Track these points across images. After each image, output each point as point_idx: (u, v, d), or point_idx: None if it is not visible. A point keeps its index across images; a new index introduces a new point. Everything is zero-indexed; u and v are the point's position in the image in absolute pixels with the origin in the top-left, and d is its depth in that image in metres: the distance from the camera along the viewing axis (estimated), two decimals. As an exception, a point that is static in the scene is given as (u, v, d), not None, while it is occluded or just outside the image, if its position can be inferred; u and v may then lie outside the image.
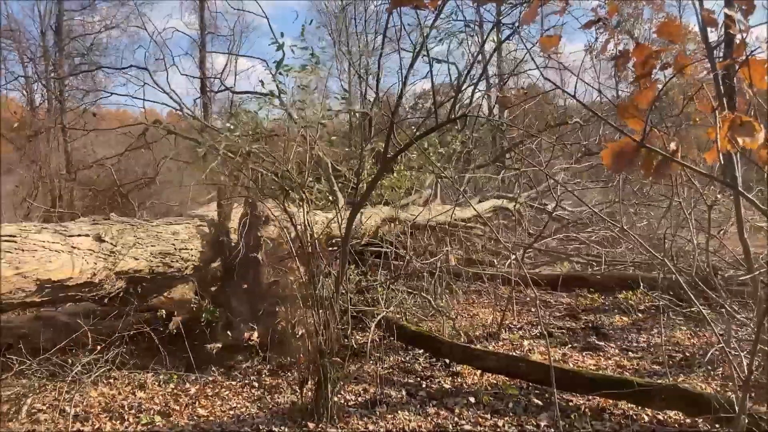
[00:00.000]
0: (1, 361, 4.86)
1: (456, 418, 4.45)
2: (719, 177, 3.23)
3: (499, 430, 4.27)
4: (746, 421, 3.29)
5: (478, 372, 5.33)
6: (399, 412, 4.55)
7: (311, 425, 4.31)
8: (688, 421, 4.20)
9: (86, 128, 10.43)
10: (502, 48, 17.48)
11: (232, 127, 6.53)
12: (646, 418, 4.30)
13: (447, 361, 5.62)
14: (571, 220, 11.82)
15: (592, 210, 7.21)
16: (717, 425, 3.95)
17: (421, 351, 5.89)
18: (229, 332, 5.74)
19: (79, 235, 4.70)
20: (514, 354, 5.64)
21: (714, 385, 4.90)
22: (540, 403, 4.68)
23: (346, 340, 5.09)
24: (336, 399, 4.56)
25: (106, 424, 4.52)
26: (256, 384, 5.28)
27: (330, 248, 6.36)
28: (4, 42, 21.16)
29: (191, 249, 6.05)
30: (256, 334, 5.71)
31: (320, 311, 4.55)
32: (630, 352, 5.93)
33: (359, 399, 4.88)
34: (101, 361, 4.98)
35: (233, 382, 5.33)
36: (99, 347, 5.05)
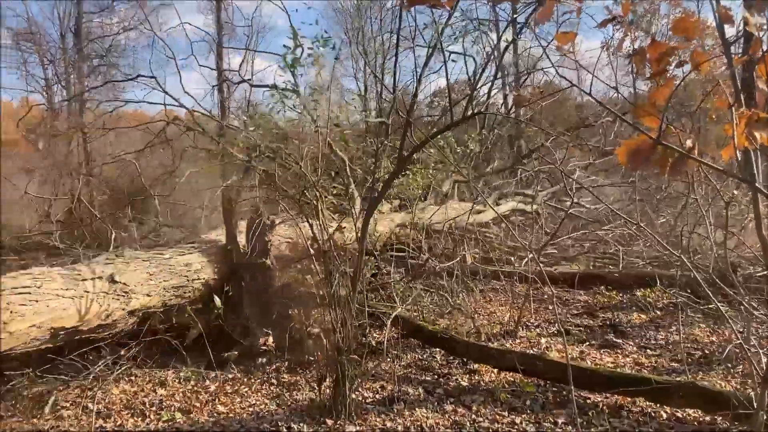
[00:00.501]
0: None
1: (473, 416, 4.47)
2: (737, 173, 3.22)
3: (516, 427, 4.28)
4: (765, 417, 3.27)
5: (495, 370, 5.34)
6: (417, 409, 4.57)
7: (329, 422, 4.34)
8: (707, 418, 4.19)
9: (106, 126, 10.52)
10: (517, 46, 17.44)
11: (248, 121, 6.55)
12: (665, 416, 4.29)
13: (464, 358, 5.63)
14: (588, 218, 11.77)
15: (609, 208, 7.18)
16: (736, 422, 3.93)
17: (438, 349, 5.91)
18: (243, 340, 5.80)
19: (92, 279, 4.79)
20: (531, 352, 5.63)
21: (733, 383, 4.87)
22: (557, 400, 4.69)
23: (363, 338, 5.12)
24: (354, 396, 4.59)
25: (127, 421, 4.59)
26: (274, 381, 5.33)
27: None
28: (25, 45, 21.48)
29: (204, 278, 6.12)
30: (271, 339, 5.78)
31: (337, 309, 4.58)
32: (648, 350, 5.90)
33: (377, 396, 4.91)
34: (123, 359, 5.07)
35: (252, 380, 5.39)
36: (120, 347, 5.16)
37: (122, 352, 5.31)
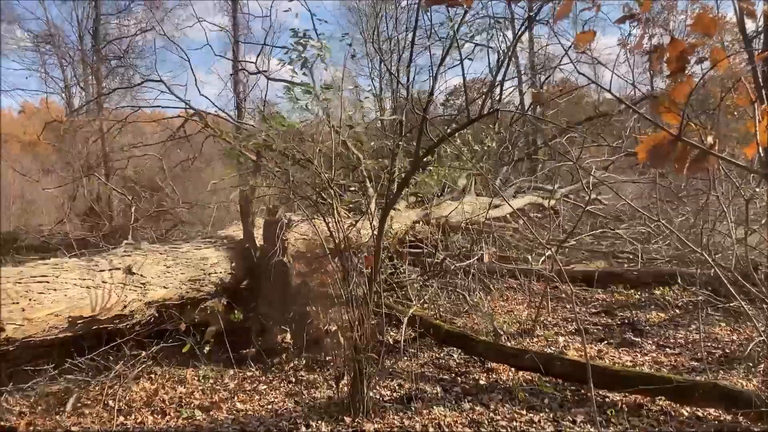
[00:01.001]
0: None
1: (491, 414, 4.46)
2: (758, 169, 3.18)
3: (534, 425, 4.27)
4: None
5: (513, 368, 5.32)
6: (434, 407, 4.57)
7: (347, 420, 4.35)
8: (728, 418, 4.15)
9: (124, 120, 10.67)
10: (533, 44, 17.38)
11: (262, 121, 6.58)
12: (686, 415, 4.25)
13: (482, 357, 5.62)
14: (606, 215, 11.70)
15: (630, 204, 7.13)
16: (758, 422, 3.89)
17: (455, 348, 5.90)
18: (261, 338, 5.84)
19: (110, 270, 4.84)
20: (549, 351, 5.61)
21: (755, 382, 4.82)
22: (576, 399, 4.67)
23: (380, 336, 5.13)
24: (372, 394, 4.60)
25: (148, 418, 4.64)
26: (292, 379, 5.36)
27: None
28: (44, 47, 21.76)
29: (221, 272, 6.14)
30: (288, 336, 5.80)
31: (354, 308, 4.59)
32: (667, 349, 5.86)
33: (394, 395, 4.92)
34: (143, 357, 5.12)
35: (270, 377, 5.43)
36: (140, 344, 5.21)
37: (142, 351, 5.37)
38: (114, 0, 22.48)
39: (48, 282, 4.17)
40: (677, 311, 7.04)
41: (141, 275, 5.07)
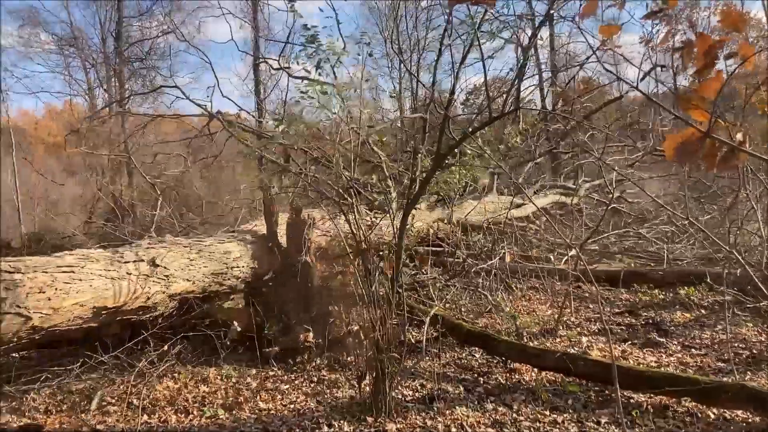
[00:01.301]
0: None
1: (514, 415, 4.43)
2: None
3: (558, 426, 4.23)
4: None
5: (536, 369, 5.28)
6: (457, 407, 4.55)
7: (370, 420, 4.35)
8: (757, 419, 4.08)
9: (147, 119, 10.77)
10: (554, 41, 17.25)
11: (283, 122, 6.60)
12: (712, 416, 4.18)
13: (504, 358, 5.59)
14: (631, 213, 11.57)
15: (658, 203, 7.03)
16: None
17: (477, 348, 5.88)
18: (282, 337, 5.86)
19: (135, 261, 4.90)
20: (573, 351, 5.56)
21: (785, 383, 4.74)
22: (600, 399, 4.62)
23: (402, 336, 5.12)
24: (394, 394, 4.59)
25: (171, 417, 4.67)
26: (314, 379, 5.37)
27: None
28: (68, 50, 22.09)
29: (243, 266, 6.18)
30: (311, 335, 5.82)
31: (376, 307, 4.59)
32: (693, 349, 5.77)
33: (416, 394, 4.91)
34: (167, 356, 5.17)
35: (292, 377, 5.44)
36: (164, 343, 5.26)
37: (165, 348, 5.42)
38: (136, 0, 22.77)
39: (74, 272, 4.24)
40: (702, 311, 6.94)
41: (165, 267, 5.12)
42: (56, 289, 4.01)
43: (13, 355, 5.53)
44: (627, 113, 13.21)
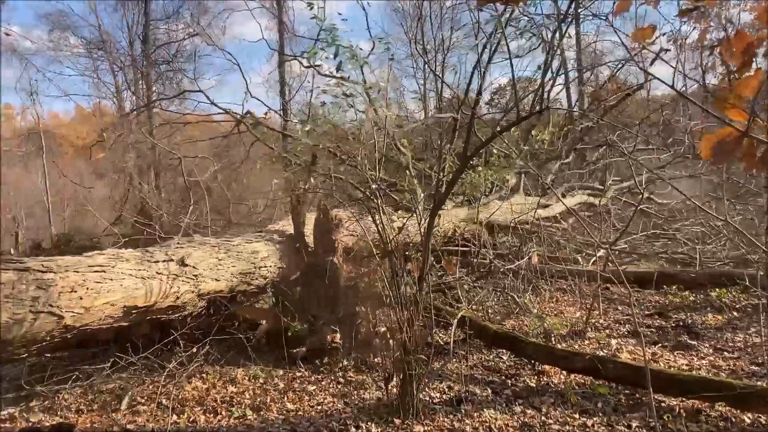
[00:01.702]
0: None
1: (543, 417, 4.38)
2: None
3: (588, 430, 4.16)
4: None
5: (565, 371, 5.22)
6: (484, 410, 4.51)
7: (397, 421, 4.34)
8: (793, 425, 3.99)
9: (177, 120, 10.90)
10: (581, 40, 17.08)
11: (308, 123, 6.63)
12: (747, 421, 4.10)
13: (532, 360, 5.54)
14: (660, 214, 11.41)
15: (694, 203, 6.90)
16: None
17: (504, 350, 5.83)
18: (310, 338, 5.87)
19: (164, 261, 4.94)
20: (602, 354, 5.48)
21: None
22: (630, 403, 4.55)
23: (429, 338, 5.10)
24: (421, 396, 4.57)
25: (200, 417, 4.70)
26: (341, 380, 5.38)
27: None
28: (96, 53, 22.45)
29: (270, 266, 6.21)
30: (338, 336, 5.82)
31: (404, 309, 4.57)
32: (725, 352, 5.66)
33: (444, 397, 4.88)
34: (195, 357, 5.21)
35: (320, 378, 5.45)
36: (193, 344, 5.31)
37: (194, 350, 5.47)
38: (163, 0, 23.05)
39: (105, 272, 4.28)
40: (735, 314, 6.80)
41: (194, 267, 5.17)
42: (88, 288, 4.06)
43: (46, 354, 5.62)
44: (656, 110, 13.00)
